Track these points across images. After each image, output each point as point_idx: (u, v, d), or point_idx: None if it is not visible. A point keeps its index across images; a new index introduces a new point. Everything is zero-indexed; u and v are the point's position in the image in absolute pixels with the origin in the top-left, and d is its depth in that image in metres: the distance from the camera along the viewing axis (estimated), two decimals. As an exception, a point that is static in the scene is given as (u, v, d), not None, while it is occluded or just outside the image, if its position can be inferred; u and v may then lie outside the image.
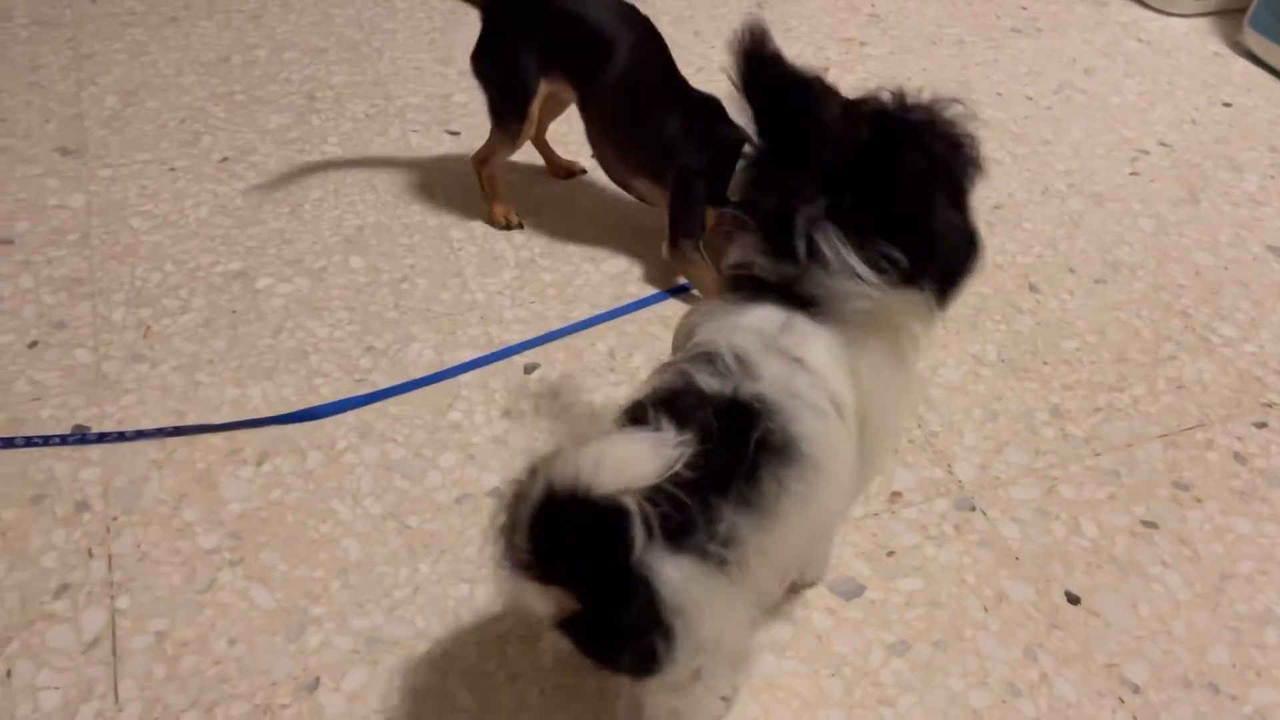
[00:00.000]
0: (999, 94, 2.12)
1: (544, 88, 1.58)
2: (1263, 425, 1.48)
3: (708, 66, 2.12)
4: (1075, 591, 1.27)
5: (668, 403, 0.88)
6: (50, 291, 1.55)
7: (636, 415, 0.88)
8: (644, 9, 1.53)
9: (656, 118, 1.55)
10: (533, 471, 0.84)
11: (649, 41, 1.58)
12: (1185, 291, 1.70)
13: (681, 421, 0.85)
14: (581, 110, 1.61)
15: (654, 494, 0.81)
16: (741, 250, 0.96)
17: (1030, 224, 1.81)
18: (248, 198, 1.74)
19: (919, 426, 1.45)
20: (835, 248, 0.90)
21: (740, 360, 0.91)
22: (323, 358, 1.48)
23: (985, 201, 1.84)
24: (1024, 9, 2.40)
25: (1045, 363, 1.56)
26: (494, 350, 1.50)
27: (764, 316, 0.94)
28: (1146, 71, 2.22)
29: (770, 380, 0.90)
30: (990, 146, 1.97)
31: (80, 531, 1.25)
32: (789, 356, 0.92)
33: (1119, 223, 1.82)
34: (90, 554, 1.23)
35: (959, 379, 1.53)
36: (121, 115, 1.90)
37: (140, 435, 1.34)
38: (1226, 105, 2.14)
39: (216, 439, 1.37)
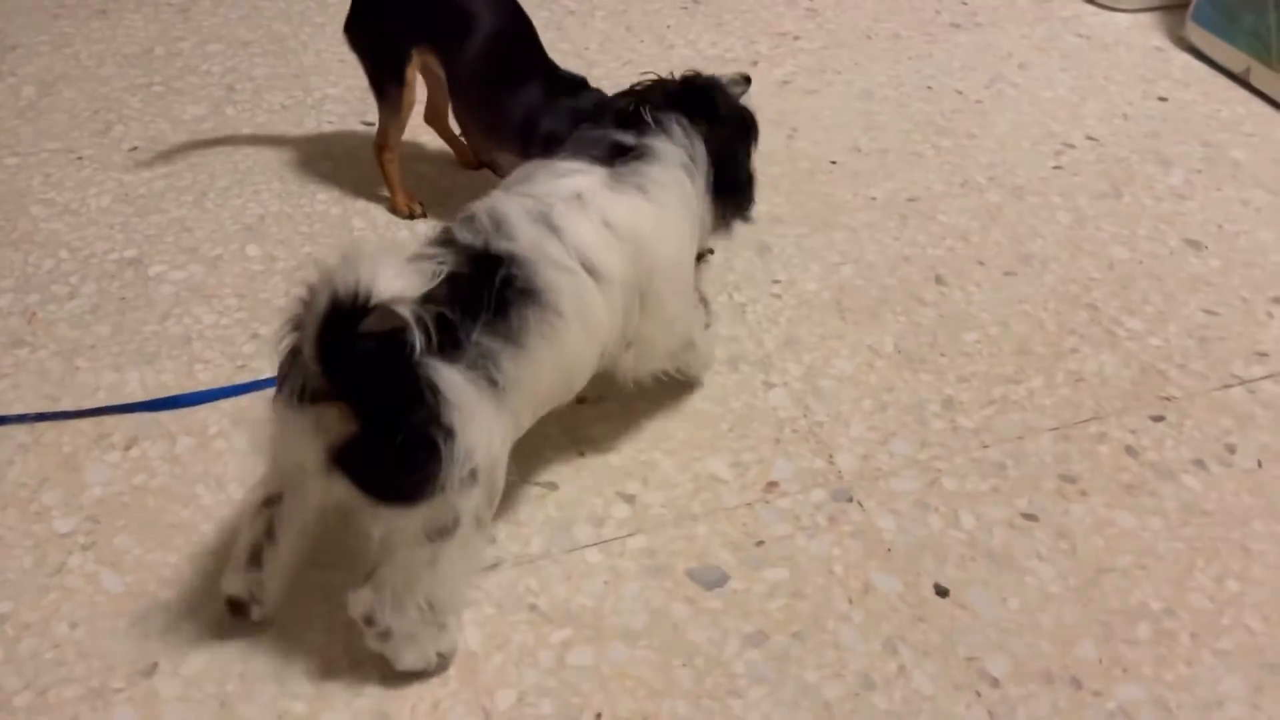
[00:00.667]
0: (929, 88, 2.09)
1: (416, 56, 1.58)
2: (1159, 419, 1.45)
3: (635, 60, 2.11)
4: (945, 584, 1.24)
5: (429, 248, 1.06)
6: (-60, 277, 1.55)
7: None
8: (581, 4, 1.50)
9: (520, 90, 1.56)
10: (312, 290, 0.89)
11: (513, 18, 1.58)
12: (1096, 285, 1.67)
13: (437, 258, 1.00)
14: (449, 87, 1.60)
15: (424, 308, 0.92)
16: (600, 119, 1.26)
17: (945, 216, 1.78)
18: (151, 186, 1.73)
19: (804, 416, 1.43)
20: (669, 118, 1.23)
21: (497, 223, 1.09)
22: (206, 344, 1.47)
23: (900, 194, 1.82)
24: (964, 4, 2.38)
25: (943, 354, 1.54)
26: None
27: (557, 187, 1.15)
28: (1082, 66, 2.19)
29: (523, 241, 1.08)
30: (913, 140, 1.95)
31: (-62, 514, 1.24)
32: (550, 225, 1.10)
33: (1036, 216, 1.80)
34: (-55, 537, 1.22)
35: (851, 370, 1.50)
36: (36, 105, 1.89)
37: (2, 420, 1.33)
38: (1162, 100, 2.11)
39: (86, 424, 1.36)
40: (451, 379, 0.95)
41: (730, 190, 1.33)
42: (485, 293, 1.02)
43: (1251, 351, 1.56)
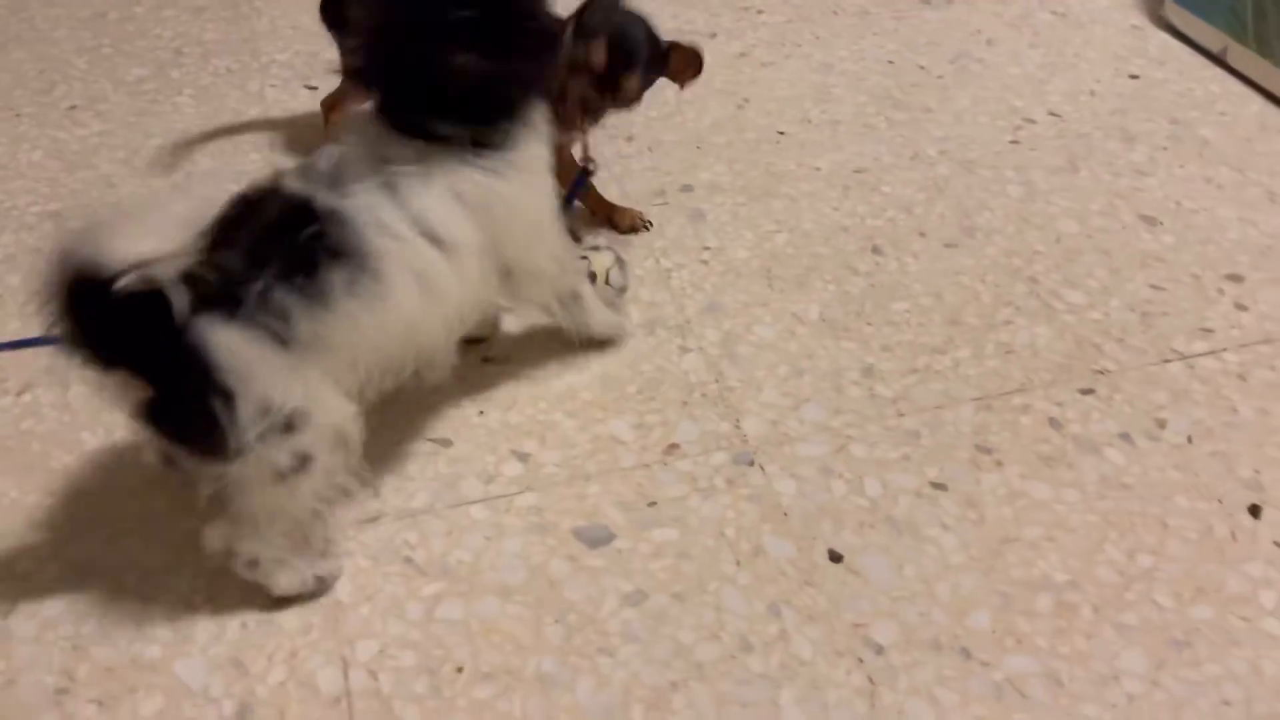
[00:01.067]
0: (890, 62, 2.04)
1: None
2: (1089, 391, 1.39)
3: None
4: (840, 550, 1.19)
5: (246, 197, 1.01)
6: None
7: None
8: None
9: None
10: (51, 264, 0.87)
11: None
12: (1039, 258, 1.61)
13: (245, 211, 0.98)
14: None
15: (198, 268, 0.89)
16: None
17: (889, 188, 1.73)
18: (85, 144, 1.72)
19: (715, 381, 1.39)
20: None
21: (334, 177, 1.02)
22: (115, 296, 1.46)
23: (846, 165, 1.77)
24: (938, -18, 2.33)
25: (869, 324, 1.49)
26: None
27: (407, 153, 1.06)
28: (1053, 43, 2.13)
29: (355, 202, 1.01)
30: (867, 113, 1.90)
31: None
32: (391, 189, 1.04)
33: (985, 189, 1.74)
34: None
35: (772, 336, 1.46)
36: (-14, 66, 1.90)
37: (-107, 359, 1.33)
38: (1133, 77, 2.04)
39: (-17, 370, 1.35)
40: (223, 339, 0.91)
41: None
42: (286, 248, 0.97)
43: (1196, 328, 1.50)
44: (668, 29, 2.10)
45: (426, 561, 1.16)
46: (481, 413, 1.33)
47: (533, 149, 1.14)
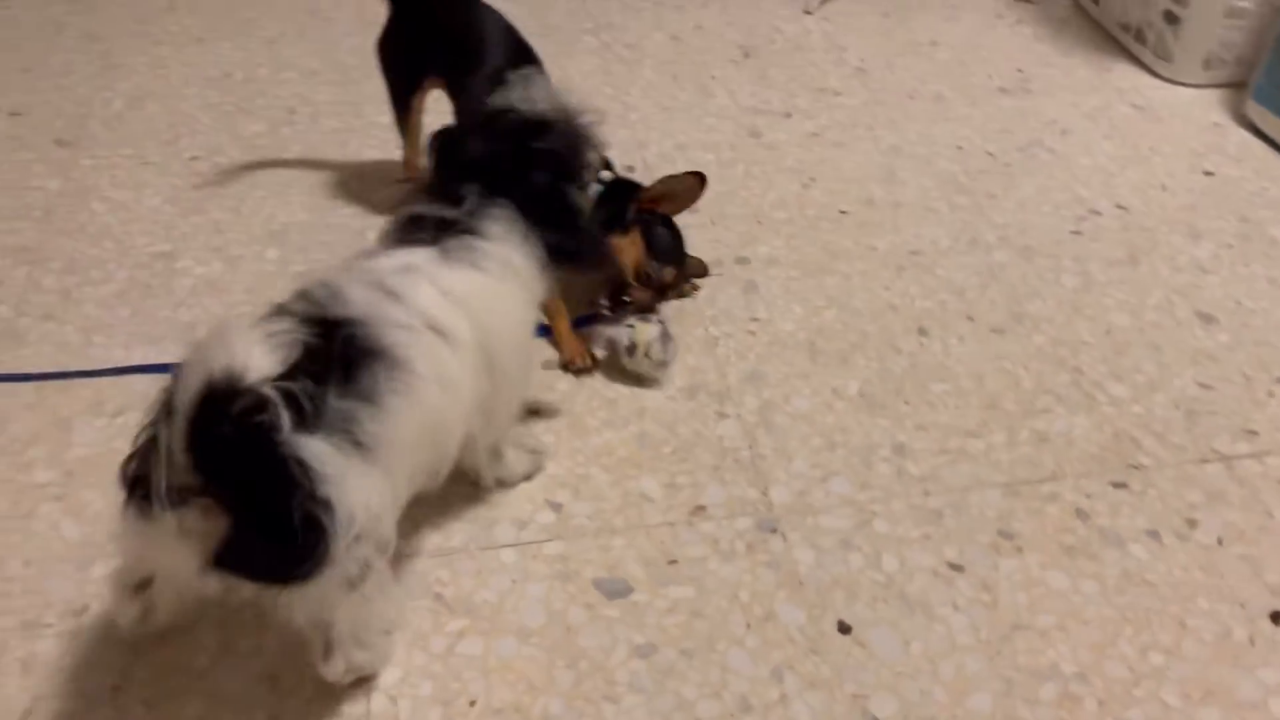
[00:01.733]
0: (959, 147, 2.09)
1: (426, 85, 1.70)
2: (1121, 485, 1.40)
3: (673, 106, 2.18)
4: (849, 621, 1.23)
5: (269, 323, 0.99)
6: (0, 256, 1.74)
7: None
8: (634, 53, 1.52)
9: None
10: (169, 390, 0.92)
11: (518, 55, 1.67)
12: (1087, 349, 1.63)
13: (284, 330, 0.96)
14: (455, 119, 1.70)
15: (280, 383, 0.90)
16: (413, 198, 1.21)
17: (944, 271, 1.77)
18: (199, 191, 1.89)
19: (749, 447, 1.45)
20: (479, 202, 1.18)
21: (332, 293, 1.06)
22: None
23: (903, 246, 1.82)
24: (1019, 71, 2.36)
25: (906, 402, 1.52)
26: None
27: (389, 262, 1.12)
28: (1129, 136, 2.14)
29: (361, 305, 1.05)
30: (930, 197, 1.95)
31: (-58, 457, 1.39)
32: (385, 291, 1.08)
33: (1040, 277, 1.77)
34: (-58, 477, 1.36)
35: (809, 408, 1.51)
36: (122, 116, 2.10)
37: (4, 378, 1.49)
38: (1208, 174, 2.04)
39: (86, 391, 1.49)
40: (318, 451, 0.92)
41: (558, 244, 1.22)
42: (330, 357, 0.98)
43: (1241, 429, 1.49)
44: (744, 106, 2.21)
45: (454, 599, 1.24)
46: (523, 463, 1.42)
47: (517, 257, 1.18)
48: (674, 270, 1.62)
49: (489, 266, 1.15)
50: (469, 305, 1.12)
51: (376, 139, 2.06)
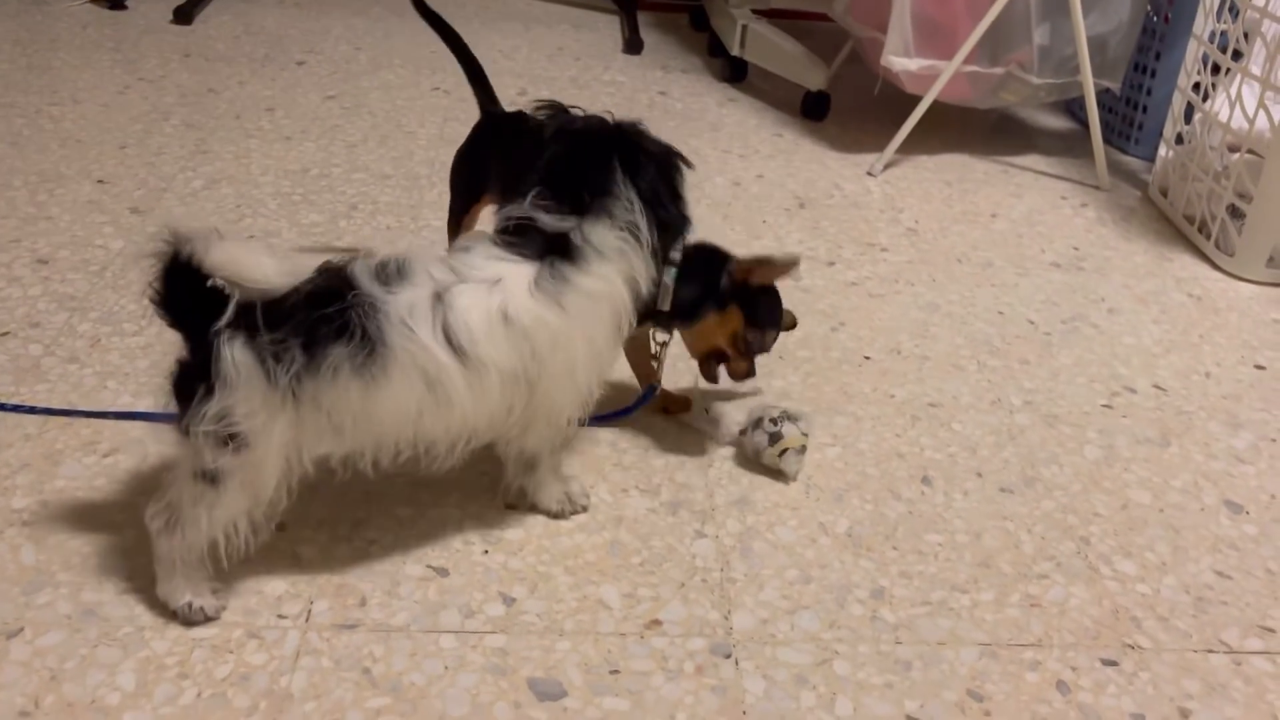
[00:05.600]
0: (1000, 313, 2.06)
1: (481, 202, 1.75)
2: (1112, 664, 1.30)
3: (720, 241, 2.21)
4: (787, 761, 1.15)
5: (323, 271, 1.19)
6: (46, 301, 1.82)
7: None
8: (693, 193, 1.51)
9: None
10: (167, 245, 1.12)
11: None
12: (1098, 521, 1.54)
13: (317, 285, 1.16)
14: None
15: (260, 300, 1.11)
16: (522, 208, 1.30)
17: (960, 426, 1.72)
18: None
19: (720, 569, 1.39)
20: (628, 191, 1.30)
21: (394, 274, 1.19)
22: (216, 391, 1.64)
23: (922, 398, 1.78)
24: (1075, 249, 2.34)
25: (895, 548, 1.46)
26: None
27: (478, 270, 1.23)
28: (1179, 322, 2.09)
29: (397, 299, 1.18)
30: (960, 355, 1.91)
31: (-65, 472, 1.43)
32: (438, 299, 1.19)
33: (1060, 444, 1.70)
34: (-71, 490, 1.40)
35: (792, 540, 1.45)
36: (198, 195, 2.23)
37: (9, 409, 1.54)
38: (1259, 368, 1.96)
39: (86, 430, 1.53)
40: (231, 352, 1.11)
41: (666, 228, 1.37)
42: (312, 313, 1.14)
43: (1255, 624, 1.38)
44: (789, 249, 2.23)
45: (382, 676, 1.20)
46: (486, 552, 1.38)
47: (604, 279, 1.28)
48: (775, 334, 1.60)
49: (572, 300, 1.25)
50: (530, 337, 1.23)
51: (425, 239, 2.14)
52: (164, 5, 3.23)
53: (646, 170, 1.32)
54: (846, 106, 2.93)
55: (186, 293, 1.12)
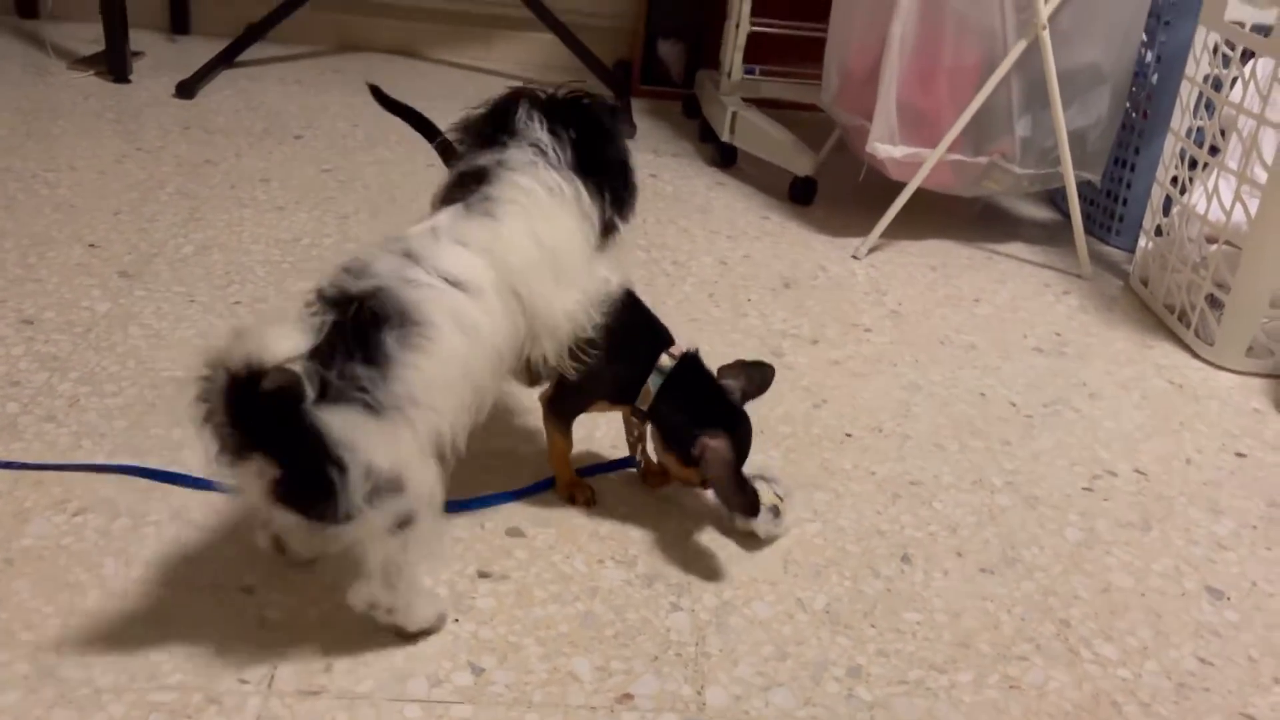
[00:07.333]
0: (982, 394, 2.07)
1: None
2: (1093, 749, 1.27)
3: (702, 319, 2.23)
4: (758, 842, 1.11)
5: (323, 299, 1.24)
6: (29, 360, 1.82)
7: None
8: (679, 270, 1.56)
9: None
10: (212, 366, 1.11)
11: None
12: (1079, 604, 1.52)
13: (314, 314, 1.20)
14: None
15: (309, 361, 1.12)
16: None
17: (941, 505, 1.71)
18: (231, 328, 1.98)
19: (695, 644, 1.37)
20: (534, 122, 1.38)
21: (359, 270, 1.24)
22: (191, 452, 1.62)
23: (903, 476, 1.77)
24: (1057, 334, 2.36)
25: (873, 626, 1.44)
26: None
27: (417, 228, 1.31)
28: (1161, 408, 2.09)
29: (383, 275, 1.23)
30: (942, 434, 1.92)
31: (-99, 528, 1.41)
32: (408, 255, 1.25)
33: (1041, 526, 1.69)
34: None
35: (768, 616, 1.43)
36: (187, 260, 2.24)
37: (-15, 461, 1.53)
38: (1239, 455, 1.97)
39: (57, 488, 1.51)
40: (328, 420, 1.11)
41: (607, 176, 1.42)
42: (345, 329, 1.17)
43: (1237, 711, 1.36)
44: (774, 329, 2.25)
45: (344, 744, 1.17)
46: (457, 620, 1.36)
47: (520, 187, 1.35)
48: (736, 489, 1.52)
49: (501, 209, 1.32)
50: (489, 252, 1.29)
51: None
52: (167, 79, 3.30)
53: (569, 112, 1.41)
54: (833, 192, 2.98)
55: (251, 403, 1.09)
